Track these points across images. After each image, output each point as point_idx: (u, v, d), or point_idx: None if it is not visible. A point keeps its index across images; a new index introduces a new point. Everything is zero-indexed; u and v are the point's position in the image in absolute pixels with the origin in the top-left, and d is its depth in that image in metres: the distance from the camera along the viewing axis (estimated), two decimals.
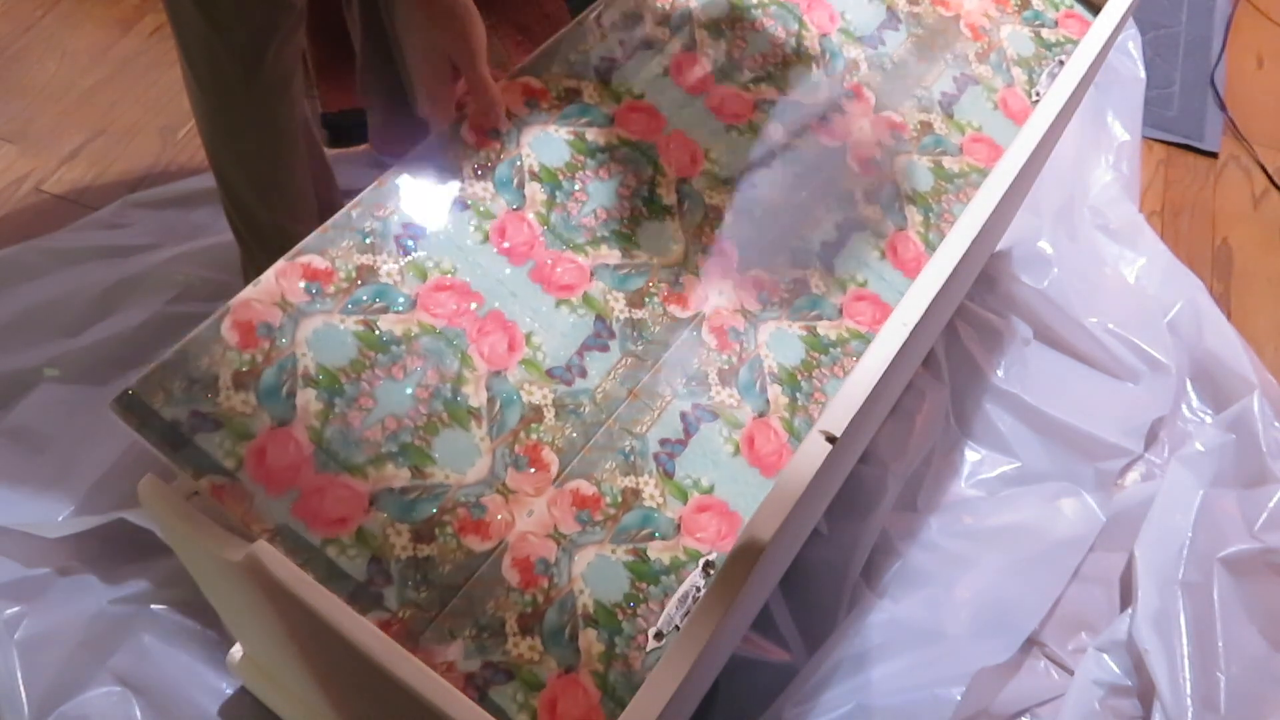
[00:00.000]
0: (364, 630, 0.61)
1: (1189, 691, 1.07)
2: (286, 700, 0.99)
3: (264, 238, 1.17)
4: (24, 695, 1.00)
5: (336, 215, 0.73)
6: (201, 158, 1.54)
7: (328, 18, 1.03)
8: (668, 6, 0.93)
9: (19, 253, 1.35)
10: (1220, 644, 1.11)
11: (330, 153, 1.22)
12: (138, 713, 1.02)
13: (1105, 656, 1.13)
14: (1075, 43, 1.05)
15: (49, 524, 1.10)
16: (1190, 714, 1.06)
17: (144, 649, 1.06)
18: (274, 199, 1.13)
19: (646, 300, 0.78)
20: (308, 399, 0.66)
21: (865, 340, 0.81)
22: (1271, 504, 1.21)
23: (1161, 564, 1.17)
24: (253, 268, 1.23)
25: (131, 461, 1.16)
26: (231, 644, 1.01)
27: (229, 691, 1.04)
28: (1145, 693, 1.10)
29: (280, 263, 0.70)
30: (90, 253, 1.36)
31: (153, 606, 1.08)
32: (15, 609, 1.05)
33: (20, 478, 1.15)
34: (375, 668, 0.61)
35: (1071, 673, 1.13)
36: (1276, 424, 1.30)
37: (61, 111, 1.60)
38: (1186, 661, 1.09)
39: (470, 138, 0.81)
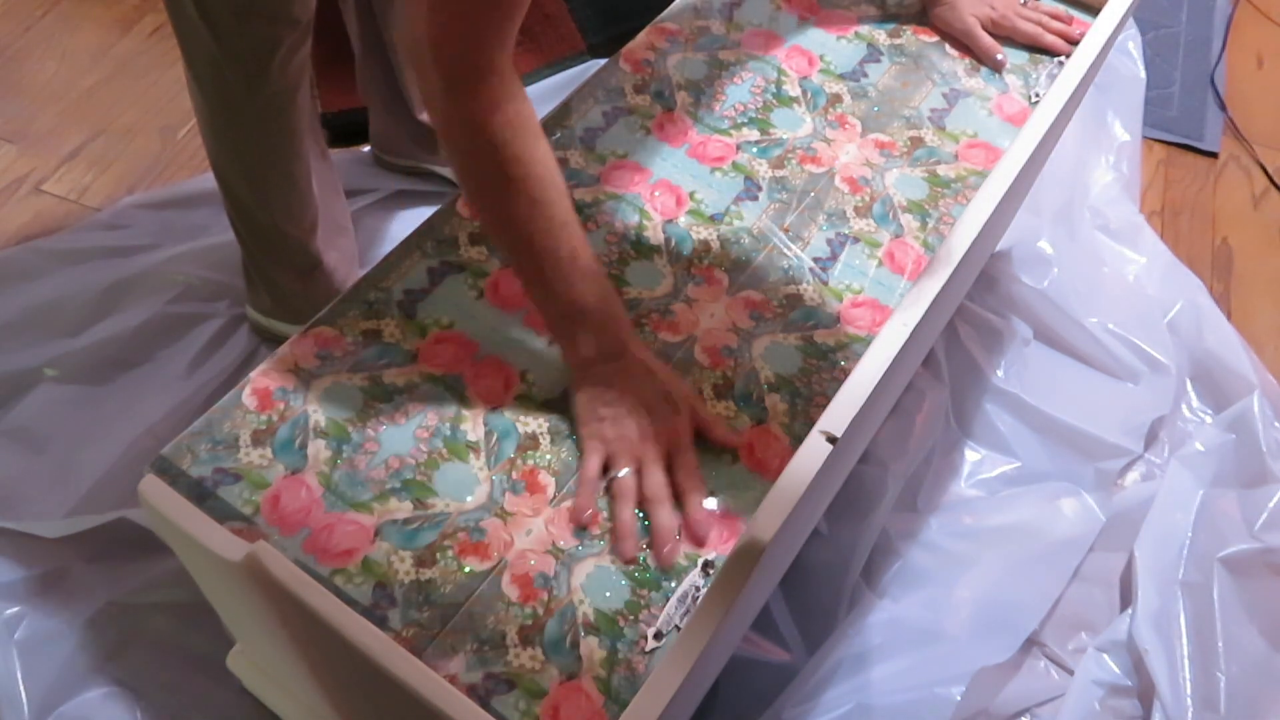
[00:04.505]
0: (362, 630, 0.62)
1: (1189, 691, 1.07)
2: (286, 700, 0.99)
3: (265, 240, 1.18)
4: (24, 695, 1.01)
5: (344, 292, 0.80)
6: (201, 158, 1.54)
7: (327, 18, 1.03)
8: (646, 76, 0.98)
9: (19, 253, 1.35)
10: (1220, 644, 1.11)
11: (330, 153, 1.22)
12: (138, 713, 1.02)
13: (1105, 656, 1.13)
14: (1074, 44, 1.05)
15: (49, 524, 1.10)
16: (1190, 714, 1.06)
17: (144, 649, 1.06)
18: (276, 204, 1.13)
19: (638, 330, 0.80)
20: (318, 449, 0.71)
21: (865, 344, 0.81)
22: (1271, 504, 1.21)
23: (1161, 564, 1.17)
24: (254, 269, 1.23)
25: (131, 461, 1.17)
26: (231, 644, 1.01)
27: (229, 691, 1.04)
28: (1145, 693, 1.10)
29: (294, 336, 0.77)
30: (90, 253, 1.36)
31: (153, 606, 1.08)
32: (15, 609, 1.05)
33: (20, 478, 1.15)
34: (371, 666, 0.61)
35: (1071, 673, 1.13)
36: (1276, 424, 1.30)
37: (61, 111, 1.60)
38: (1186, 661, 1.09)
39: (465, 210, 0.86)
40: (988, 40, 1.02)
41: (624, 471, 0.70)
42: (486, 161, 0.68)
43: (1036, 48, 1.04)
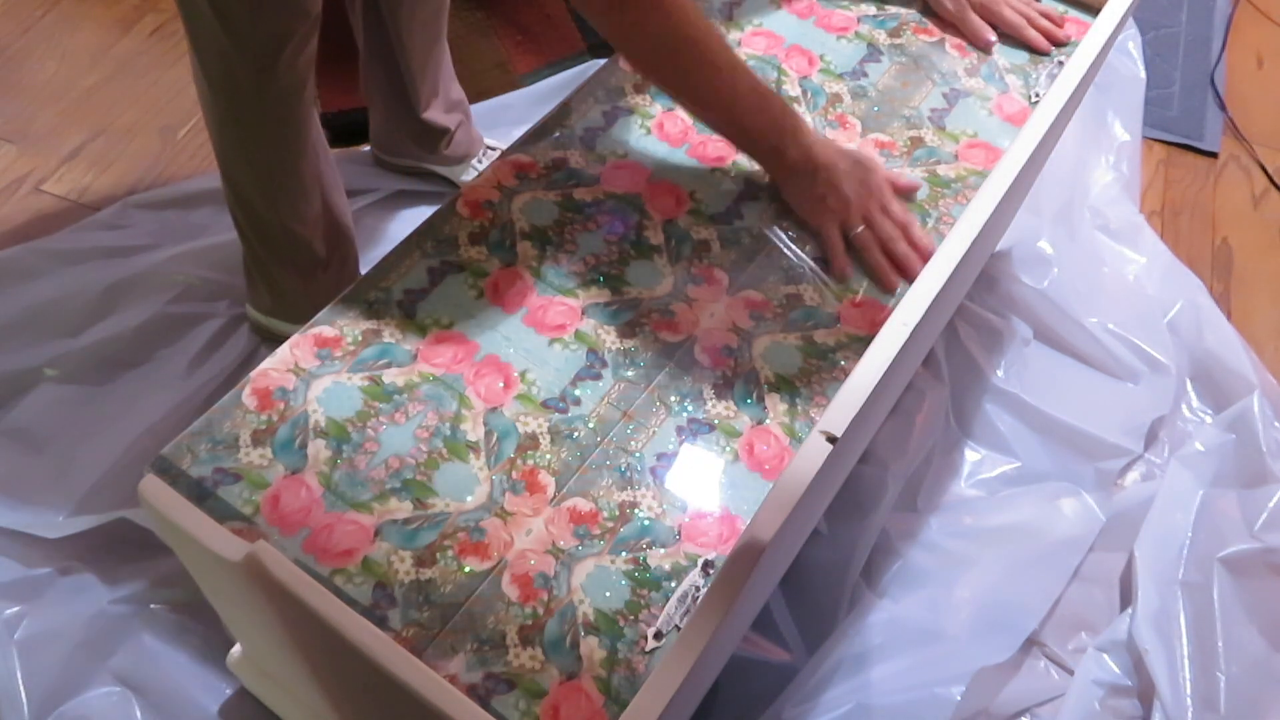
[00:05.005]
0: (362, 630, 0.62)
1: (1189, 691, 1.07)
2: (286, 700, 0.99)
3: (268, 237, 1.18)
4: (24, 695, 1.01)
5: (344, 291, 0.80)
6: (201, 157, 1.54)
7: (328, 18, 1.03)
8: None
9: (19, 253, 1.35)
10: (1220, 644, 1.11)
11: (330, 152, 1.22)
12: (138, 713, 1.02)
13: (1105, 656, 1.13)
14: (1074, 44, 1.05)
15: (49, 524, 1.10)
16: (1190, 714, 1.06)
17: (144, 649, 1.06)
18: (280, 200, 1.13)
19: (638, 330, 0.80)
20: (318, 449, 0.71)
21: (864, 343, 0.81)
22: (1271, 504, 1.21)
23: (1161, 564, 1.17)
24: (255, 267, 1.23)
25: (131, 461, 1.17)
26: (231, 644, 1.01)
27: (229, 691, 1.04)
28: (1145, 693, 1.10)
29: (294, 336, 0.76)
30: (90, 253, 1.36)
31: (153, 606, 1.08)
32: (15, 609, 1.05)
33: (20, 478, 1.15)
34: (371, 666, 0.61)
35: (1071, 673, 1.13)
36: (1276, 424, 1.30)
37: (61, 111, 1.60)
38: (1186, 661, 1.09)
39: (465, 210, 0.86)
40: (977, 21, 1.02)
41: (859, 229, 0.85)
42: (663, 50, 0.81)
43: (1026, 44, 1.04)
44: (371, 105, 1.44)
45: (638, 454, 0.74)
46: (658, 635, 0.66)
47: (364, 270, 0.89)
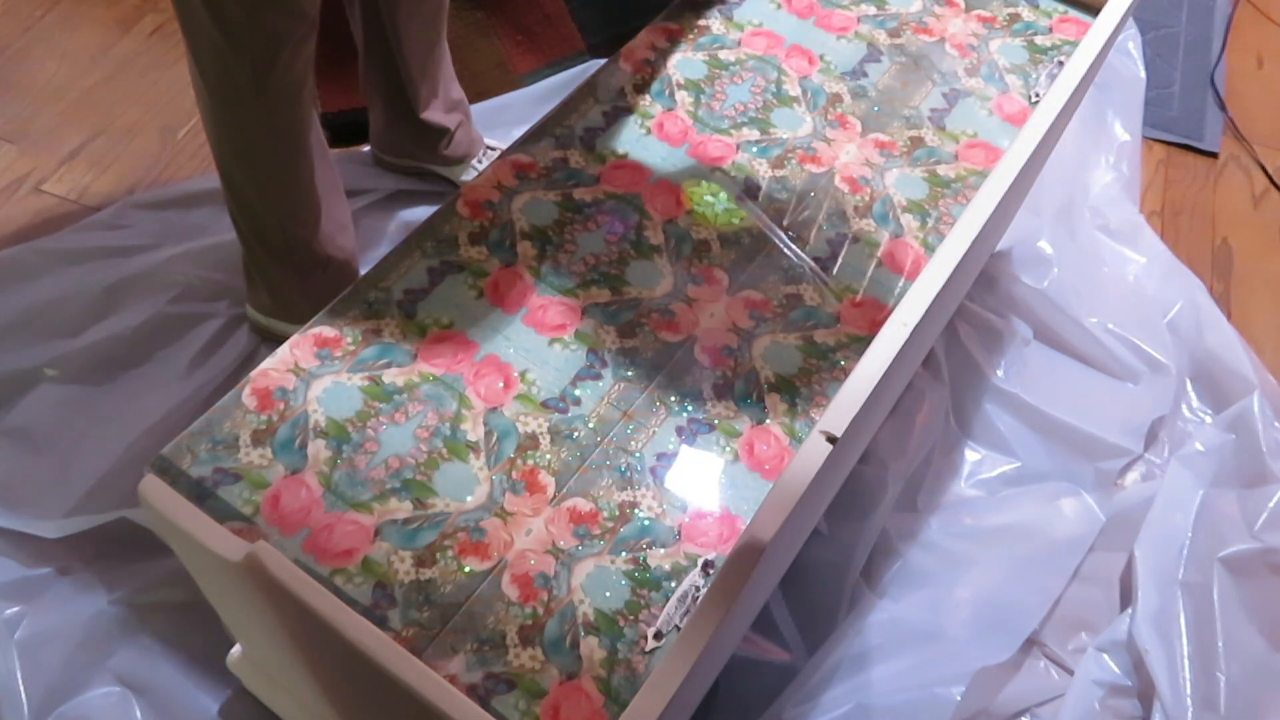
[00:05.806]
0: (362, 630, 0.62)
1: (1189, 691, 1.07)
2: (286, 700, 0.99)
3: (268, 239, 1.17)
4: (24, 695, 1.01)
5: (344, 292, 0.80)
6: (201, 158, 1.54)
7: (328, 18, 1.03)
8: (646, 76, 0.98)
9: (19, 253, 1.35)
10: (1220, 644, 1.11)
11: (330, 152, 1.22)
12: (138, 713, 1.02)
13: (1105, 656, 1.13)
14: (1073, 44, 1.05)
15: (49, 524, 1.10)
16: (1190, 714, 1.06)
17: (144, 649, 1.06)
18: (279, 202, 1.13)
19: (637, 330, 0.80)
20: (318, 449, 0.71)
21: (864, 343, 0.81)
22: (1271, 504, 1.21)
23: (1161, 564, 1.17)
24: (254, 267, 1.23)
25: (131, 461, 1.17)
26: (231, 644, 1.01)
27: (229, 691, 1.04)
28: (1145, 693, 1.10)
29: (294, 336, 0.76)
30: (90, 253, 1.36)
31: (153, 606, 1.08)
32: (15, 609, 1.05)
33: (20, 478, 1.15)
34: (371, 666, 0.61)
35: (1071, 673, 1.13)
36: (1276, 424, 1.30)
37: (61, 111, 1.60)
38: (1186, 661, 1.09)
39: (465, 210, 0.87)
40: None
41: None
42: None
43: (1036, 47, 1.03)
44: (371, 105, 1.43)
45: (638, 454, 0.74)
46: (658, 635, 0.66)
47: (364, 270, 0.89)
